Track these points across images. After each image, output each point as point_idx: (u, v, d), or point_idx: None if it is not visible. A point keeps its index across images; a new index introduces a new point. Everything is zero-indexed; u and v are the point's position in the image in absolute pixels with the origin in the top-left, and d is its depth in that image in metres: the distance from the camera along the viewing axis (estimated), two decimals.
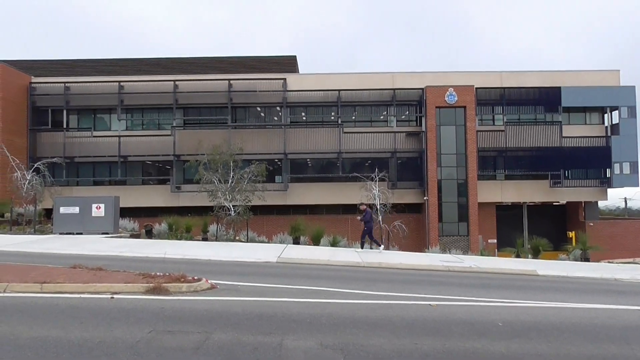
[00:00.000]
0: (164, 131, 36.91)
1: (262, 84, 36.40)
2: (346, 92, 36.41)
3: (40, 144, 36.44)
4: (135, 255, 15.18)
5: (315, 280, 11.53)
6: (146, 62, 41.51)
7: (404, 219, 25.59)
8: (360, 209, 19.99)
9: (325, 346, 5.85)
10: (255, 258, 15.72)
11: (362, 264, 15.67)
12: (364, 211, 19.60)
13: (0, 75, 33.13)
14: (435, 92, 34.80)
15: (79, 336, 5.84)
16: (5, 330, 5.95)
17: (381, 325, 7.00)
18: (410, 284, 11.86)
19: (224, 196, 22.94)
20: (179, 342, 5.77)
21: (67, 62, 41.97)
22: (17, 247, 16.12)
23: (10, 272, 9.62)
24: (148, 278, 9.25)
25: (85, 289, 8.50)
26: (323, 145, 35.98)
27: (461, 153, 34.92)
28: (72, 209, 21.51)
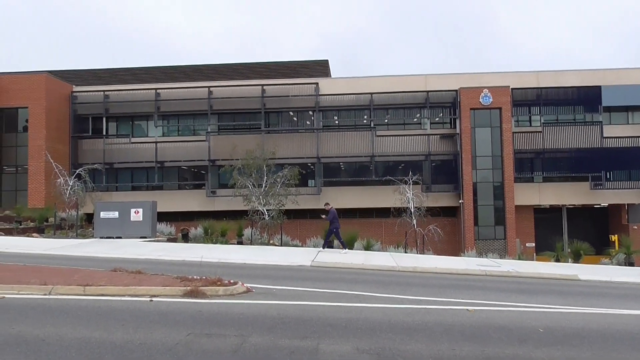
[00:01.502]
0: (199, 137, 37.57)
1: (294, 88, 36.63)
2: (378, 95, 36.25)
3: (81, 150, 37.62)
4: (173, 259, 15.49)
5: (350, 284, 11.50)
6: (181, 69, 42.39)
7: (439, 223, 25.22)
8: (325, 208, 19.96)
9: (362, 351, 5.83)
10: (290, 262, 15.80)
11: (396, 268, 15.55)
12: (328, 211, 19.54)
13: (44, 85, 34.38)
14: (469, 93, 34.29)
15: (121, 338, 5.99)
16: (51, 331, 6.15)
17: (418, 330, 6.92)
18: (446, 288, 11.69)
19: (258, 200, 23.16)
20: (217, 345, 5.84)
21: (106, 71, 43.25)
22: (60, 251, 16.68)
23: (55, 275, 9.95)
24: (185, 281, 9.42)
25: (125, 291, 8.71)
26: (356, 148, 35.92)
27: (497, 155, 34.25)
28: (112, 214, 22.12)
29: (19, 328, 6.26)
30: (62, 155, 34.18)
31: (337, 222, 19.58)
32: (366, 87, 36.39)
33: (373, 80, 37.00)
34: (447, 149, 36.52)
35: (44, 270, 10.88)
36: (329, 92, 36.53)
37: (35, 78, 34.86)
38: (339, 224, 19.67)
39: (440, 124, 38.01)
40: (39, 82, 34.38)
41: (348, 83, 37.10)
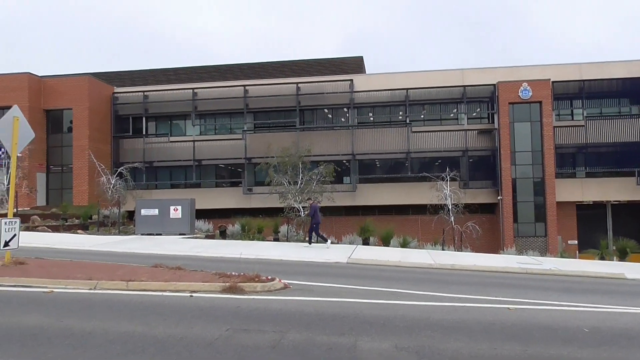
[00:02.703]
0: (235, 135, 38.04)
1: (329, 85, 36.62)
2: (414, 90, 35.85)
3: (122, 150, 38.70)
4: (211, 255, 15.75)
5: (387, 281, 11.42)
6: (217, 69, 43.02)
7: (477, 220, 24.82)
8: (308, 204, 19.99)
9: (400, 348, 5.77)
10: (326, 259, 15.83)
11: (434, 265, 15.37)
12: (310, 206, 19.60)
13: (87, 87, 35.50)
14: (507, 87, 33.49)
15: (162, 332, 6.11)
16: (97, 325, 6.35)
17: (457, 328, 6.82)
18: (486, 286, 11.47)
19: (293, 198, 23.30)
20: (255, 341, 5.90)
21: (145, 72, 44.33)
22: (104, 247, 17.21)
23: (100, 271, 10.27)
24: (224, 277, 9.56)
25: (166, 287, 8.90)
26: (391, 145, 35.64)
27: (537, 150, 33.35)
28: (152, 211, 22.67)
29: (67, 321, 6.48)
30: (104, 154, 35.24)
31: (318, 218, 19.77)
32: (401, 82, 36.02)
33: (408, 76, 36.58)
34: (484, 145, 35.81)
35: (89, 266, 11.24)
36: (364, 88, 36.36)
37: (79, 80, 36.05)
38: (319, 220, 19.87)
39: (477, 119, 37.30)
40: (82, 84, 35.54)
41: (383, 79, 36.81)
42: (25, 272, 9.68)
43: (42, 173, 35.67)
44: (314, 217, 19.55)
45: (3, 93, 34.03)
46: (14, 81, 34.54)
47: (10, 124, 10.80)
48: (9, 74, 35.30)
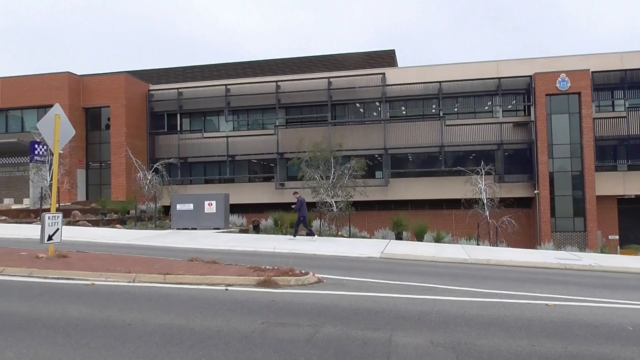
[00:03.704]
0: (267, 130, 38.32)
1: (361, 79, 36.43)
2: (447, 83, 35.30)
3: (157, 146, 39.50)
4: (245, 249, 15.94)
5: (422, 276, 11.32)
6: (249, 65, 43.40)
7: (513, 214, 24.29)
8: (295, 197, 20.10)
9: (436, 344, 5.72)
10: (359, 253, 15.80)
11: (469, 260, 15.15)
12: (297, 200, 19.68)
13: (124, 85, 36.35)
14: (545, 78, 32.60)
15: (199, 325, 6.22)
16: (136, 317, 6.51)
17: (494, 324, 6.70)
18: (523, 282, 11.23)
19: (326, 192, 23.32)
20: (290, 334, 5.94)
21: (179, 70, 45.10)
22: (141, 241, 17.63)
23: (138, 264, 10.53)
24: (258, 271, 9.65)
25: (202, 280, 9.05)
26: (424, 139, 35.23)
27: (576, 143, 32.40)
28: (187, 206, 23.08)
29: (108, 313, 6.67)
30: (140, 150, 36.05)
31: (305, 211, 19.84)
32: (434, 75, 35.52)
33: (441, 69, 36.05)
34: (520, 138, 35.01)
35: (128, 259, 11.54)
36: (396, 82, 36.02)
37: (116, 79, 36.96)
38: (306, 213, 19.98)
39: (513, 111, 36.49)
40: (119, 83, 36.42)
41: (416, 72, 36.38)
42: (68, 265, 10.01)
43: (82, 169, 36.79)
44: (301, 210, 19.75)
45: (45, 92, 35.22)
46: (55, 80, 35.68)
47: (52, 122, 11.15)
48: (50, 73, 36.49)
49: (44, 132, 11.32)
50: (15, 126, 37.81)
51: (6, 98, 36.73)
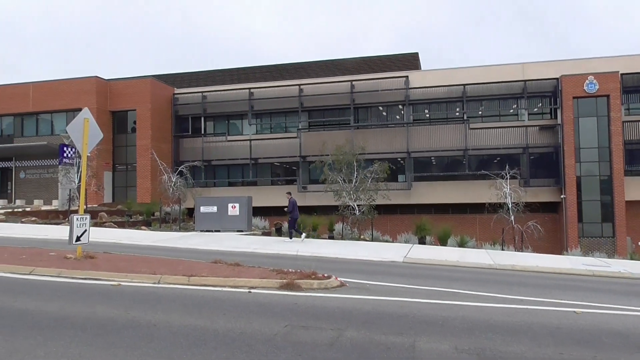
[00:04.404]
0: (290, 134, 38.46)
1: (383, 82, 36.30)
2: (472, 86, 34.94)
3: (182, 149, 40.01)
4: (268, 252, 16.01)
5: (445, 281, 11.21)
6: (272, 69, 43.68)
7: (539, 219, 23.86)
8: (287, 198, 20.41)
9: (461, 350, 5.65)
10: (381, 257, 15.72)
11: (494, 265, 14.94)
12: (288, 201, 19.93)
13: (150, 88, 36.96)
14: (572, 81, 32.00)
15: (223, 326, 6.27)
16: (161, 317, 6.59)
17: (520, 331, 6.59)
18: (550, 288, 11.03)
19: (348, 196, 23.27)
20: (313, 338, 5.94)
21: (203, 74, 45.65)
22: (165, 243, 17.86)
23: (162, 265, 10.67)
24: (281, 274, 9.68)
25: (225, 282, 9.12)
26: (448, 142, 34.90)
27: (604, 147, 31.70)
28: (211, 209, 23.29)
29: (133, 313, 6.77)
30: (165, 153, 36.55)
31: (296, 213, 20.11)
32: (459, 78, 35.20)
33: (465, 71, 35.69)
34: (546, 141, 34.42)
35: (153, 260, 11.70)
36: (420, 85, 35.78)
37: (142, 83, 37.59)
38: (297, 215, 20.25)
39: (539, 114, 35.90)
40: (145, 86, 37.03)
41: (439, 75, 36.10)
42: (95, 266, 10.20)
43: (109, 172, 37.48)
44: (293, 212, 19.93)
45: (74, 96, 36.03)
46: (84, 85, 36.47)
47: (81, 126, 11.40)
48: (79, 78, 37.31)
49: (73, 135, 11.58)
50: (45, 129, 38.76)
51: (37, 102, 37.70)
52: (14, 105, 38.25)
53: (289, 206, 20.13)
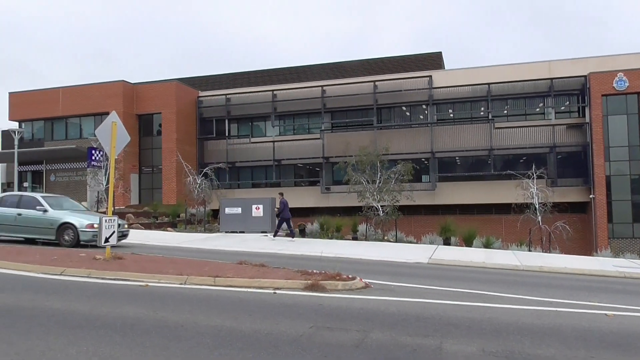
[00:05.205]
0: (313, 135, 38.54)
1: (407, 83, 36.09)
2: (496, 85, 34.47)
3: (206, 151, 40.47)
4: (292, 253, 16.06)
5: (471, 283, 11.08)
6: (294, 70, 43.85)
7: (567, 220, 23.40)
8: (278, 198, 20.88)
9: (488, 352, 5.57)
10: (406, 258, 15.62)
11: (520, 267, 14.71)
12: (279, 201, 20.35)
13: (175, 92, 37.49)
14: (600, 78, 31.30)
15: (249, 327, 6.30)
16: (188, 318, 6.67)
17: (549, 334, 6.47)
18: (579, 290, 10.80)
19: (372, 196, 23.20)
20: (339, 339, 5.93)
21: (227, 76, 46.07)
22: (191, 244, 18.07)
23: (189, 266, 10.80)
24: (306, 275, 9.70)
25: (251, 283, 9.19)
26: (472, 142, 34.50)
27: (635, 145, 30.93)
28: (235, 210, 23.51)
29: (161, 314, 6.87)
30: (190, 155, 37.00)
31: (287, 213, 20.45)
32: (483, 77, 34.77)
33: (490, 70, 35.24)
34: (574, 140, 33.73)
35: (179, 261, 11.86)
36: (443, 84, 35.47)
37: (167, 86, 38.16)
38: (288, 214, 20.54)
39: (566, 112, 35.23)
40: (170, 90, 37.58)
41: (463, 74, 35.72)
42: (123, 267, 10.39)
43: (135, 174, 38.14)
44: (284, 212, 20.35)
45: (101, 100, 36.78)
46: (111, 89, 37.20)
47: (109, 129, 11.63)
48: (106, 82, 38.09)
49: (101, 138, 11.82)
50: (74, 133, 39.66)
51: (66, 106, 38.61)
52: (44, 110, 39.27)
53: (280, 206, 20.68)
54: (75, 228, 14.93)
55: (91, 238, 14.55)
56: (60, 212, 15.56)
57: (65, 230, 15.00)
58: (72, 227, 14.96)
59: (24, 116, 40.31)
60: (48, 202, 15.77)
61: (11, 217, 15.59)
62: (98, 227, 13.66)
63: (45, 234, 15.26)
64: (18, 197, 16.47)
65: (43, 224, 15.23)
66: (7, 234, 15.83)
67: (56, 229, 15.04)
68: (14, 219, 15.56)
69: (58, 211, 15.56)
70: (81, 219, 15.17)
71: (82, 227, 14.90)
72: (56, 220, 15.13)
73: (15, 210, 15.67)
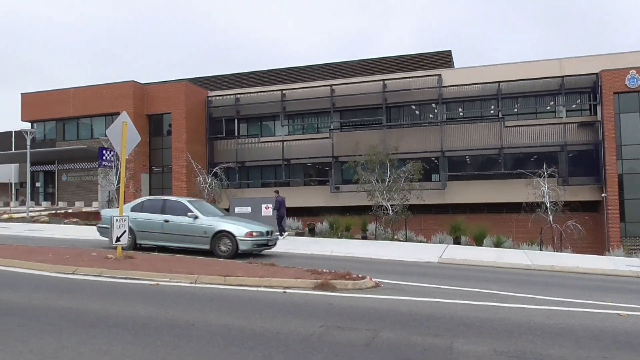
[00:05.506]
0: (322, 134, 38.52)
1: (416, 81, 35.96)
2: (506, 83, 34.24)
3: (216, 150, 40.60)
4: (301, 252, 16.08)
5: (482, 282, 11.02)
6: (303, 70, 43.86)
7: (578, 218, 23.19)
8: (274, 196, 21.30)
9: (500, 352, 5.53)
10: (416, 258, 15.58)
11: (531, 266, 14.61)
12: (275, 199, 20.69)
13: (184, 92, 37.65)
14: (612, 76, 30.98)
15: (259, 326, 6.32)
16: (198, 317, 6.70)
17: (562, 334, 6.42)
18: (591, 290, 10.70)
19: (381, 196, 23.16)
20: (349, 338, 5.93)
21: (236, 76, 46.21)
22: None
23: (199, 265, 10.85)
24: (315, 274, 9.71)
25: (261, 282, 9.21)
26: (482, 140, 34.31)
27: None
28: (245, 209, 23.52)
29: (172, 313, 6.91)
30: (200, 155, 37.15)
31: (282, 210, 20.96)
32: (493, 75, 34.55)
33: (500, 68, 35.01)
34: (586, 138, 33.41)
35: (189, 261, 11.92)
36: (453, 83, 35.29)
37: (177, 86, 38.34)
38: (284, 212, 21.11)
39: (577, 111, 34.91)
40: (179, 90, 37.75)
41: (473, 72, 35.50)
42: (134, 266, 10.46)
43: (146, 174, 38.37)
44: (279, 210, 20.81)
45: (112, 100, 37.05)
46: (121, 89, 37.45)
47: (120, 129, 11.71)
48: (116, 83, 38.34)
49: (112, 138, 11.91)
50: (85, 133, 39.98)
51: (77, 107, 38.94)
52: (56, 110, 39.65)
53: (275, 204, 21.05)
54: (233, 237, 13.58)
55: (251, 248, 13.72)
56: (212, 218, 14.25)
57: (221, 239, 13.66)
58: (230, 236, 13.62)
59: (36, 117, 40.72)
60: (196, 208, 14.50)
61: (157, 224, 14.24)
62: (257, 236, 13.72)
63: (198, 242, 13.86)
64: (161, 202, 14.89)
65: (196, 232, 13.84)
66: (152, 242, 14.37)
67: (211, 237, 13.69)
68: (160, 226, 14.19)
69: (210, 218, 14.25)
70: (239, 227, 13.85)
71: (241, 235, 13.57)
72: (210, 228, 13.77)
73: (161, 216, 14.30)
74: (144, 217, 14.43)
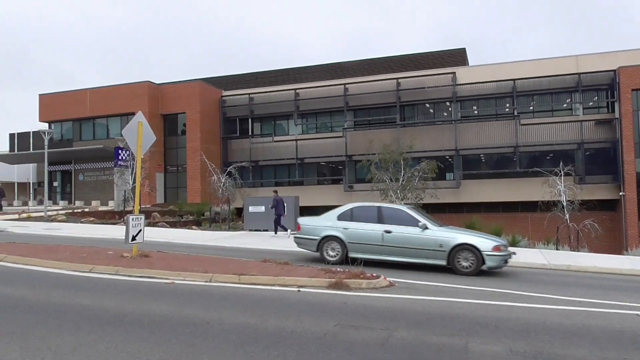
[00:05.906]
0: (336, 133, 38.49)
1: (430, 79, 35.75)
2: (522, 80, 33.88)
3: (230, 150, 40.79)
4: None
5: (497, 281, 10.92)
6: (317, 69, 43.85)
7: (596, 217, 22.84)
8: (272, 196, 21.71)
9: (515, 352, 5.49)
10: None
11: (547, 266, 14.44)
12: (273, 199, 21.04)
13: (199, 91, 37.88)
14: (630, 72, 30.49)
15: (274, 325, 6.34)
16: (213, 315, 6.74)
17: (578, 334, 6.34)
18: (609, 290, 10.55)
19: (395, 194, 23.06)
20: (364, 337, 5.92)
21: (250, 76, 46.38)
22: (216, 242, 18.25)
23: (214, 264, 10.91)
24: (330, 273, 9.71)
25: (275, 281, 9.23)
26: (497, 139, 34.01)
27: None
28: (259, 208, 23.63)
29: (187, 311, 6.96)
30: (214, 154, 37.35)
31: (281, 210, 21.20)
32: (508, 73, 34.21)
33: (515, 66, 34.64)
34: (603, 136, 32.93)
35: (204, 259, 11.98)
36: (467, 80, 35.02)
37: (191, 86, 38.58)
38: (282, 211, 21.32)
39: (594, 108, 34.42)
40: (194, 90, 37.98)
41: (488, 70, 35.19)
42: (149, 264, 10.55)
43: (161, 173, 38.69)
44: (276, 209, 21.09)
45: (127, 100, 37.41)
46: (136, 89, 37.80)
47: (135, 129, 11.82)
48: (132, 83, 38.70)
49: (128, 138, 12.02)
50: (101, 133, 40.43)
51: (93, 107, 39.40)
52: (72, 110, 40.16)
53: (272, 202, 21.43)
54: (478, 251, 11.76)
55: (499, 264, 12.02)
56: (445, 230, 12.59)
57: (461, 253, 11.87)
58: (473, 250, 11.80)
59: (54, 117, 41.28)
60: (422, 216, 12.92)
61: (376, 236, 12.56)
62: (504, 250, 12.07)
63: (430, 257, 12.16)
64: (376, 210, 13.14)
65: (427, 245, 12.11)
66: (369, 256, 12.70)
67: (448, 252, 11.93)
68: (380, 237, 12.50)
69: (442, 229, 12.59)
70: (483, 240, 12.10)
71: (487, 250, 11.76)
72: (447, 241, 12.00)
73: (380, 226, 12.62)
74: (358, 227, 12.86)
